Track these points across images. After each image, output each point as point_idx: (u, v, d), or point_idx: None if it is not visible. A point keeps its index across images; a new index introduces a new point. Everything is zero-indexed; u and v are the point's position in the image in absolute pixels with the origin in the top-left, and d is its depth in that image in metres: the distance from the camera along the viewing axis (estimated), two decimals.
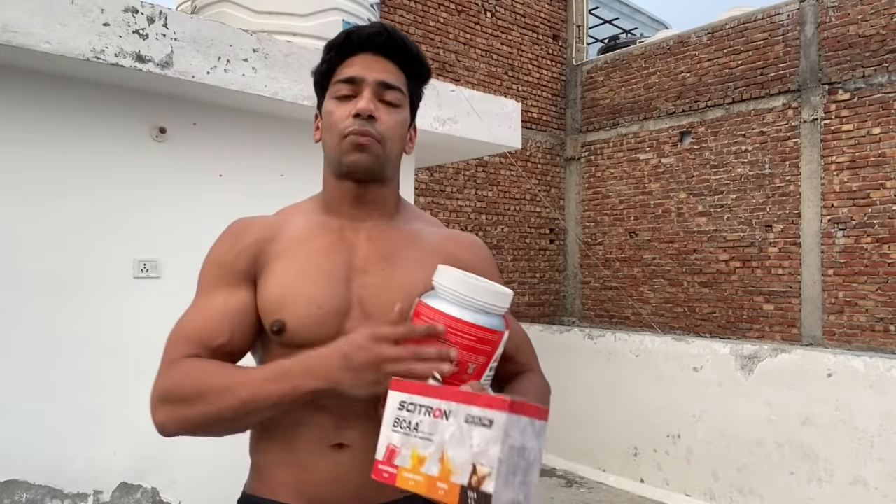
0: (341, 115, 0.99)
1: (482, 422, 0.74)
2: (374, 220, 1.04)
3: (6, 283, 2.31)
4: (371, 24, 1.03)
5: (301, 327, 0.94)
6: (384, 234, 1.03)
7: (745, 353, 4.38)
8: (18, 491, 2.29)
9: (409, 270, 1.00)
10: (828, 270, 5.87)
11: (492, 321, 0.90)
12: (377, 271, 0.99)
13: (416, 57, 1.03)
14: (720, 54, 6.74)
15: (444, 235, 1.10)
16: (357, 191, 1.03)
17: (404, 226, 1.07)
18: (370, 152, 0.98)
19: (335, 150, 1.01)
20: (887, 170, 5.58)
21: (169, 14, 2.41)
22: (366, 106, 0.97)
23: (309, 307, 0.95)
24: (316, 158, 3.71)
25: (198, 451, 2.70)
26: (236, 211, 3.36)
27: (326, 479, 0.94)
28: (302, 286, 0.97)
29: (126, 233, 2.57)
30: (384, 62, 1.01)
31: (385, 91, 0.99)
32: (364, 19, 3.41)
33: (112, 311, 2.52)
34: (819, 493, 3.91)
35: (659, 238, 7.11)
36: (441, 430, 0.77)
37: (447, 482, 0.74)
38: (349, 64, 1.00)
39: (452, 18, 6.97)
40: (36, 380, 2.36)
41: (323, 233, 1.02)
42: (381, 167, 1.01)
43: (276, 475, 0.99)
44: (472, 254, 1.09)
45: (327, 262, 0.99)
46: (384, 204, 1.06)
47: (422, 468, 0.76)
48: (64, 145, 2.45)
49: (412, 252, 1.03)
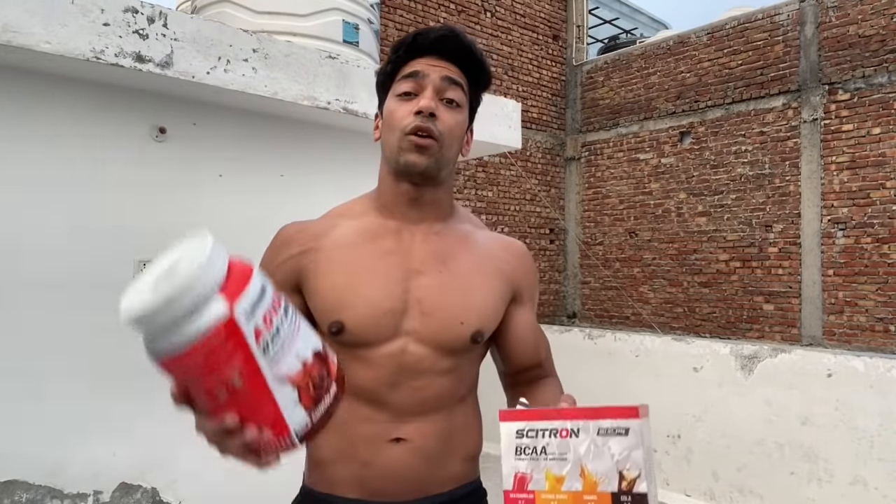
0: (403, 112, 1.00)
1: (617, 431, 0.76)
2: (429, 222, 1.06)
3: (6, 283, 2.31)
4: (439, 26, 1.05)
5: (359, 328, 0.98)
6: (439, 237, 1.06)
7: (745, 353, 4.38)
8: (18, 491, 2.29)
9: (465, 274, 1.03)
10: (828, 270, 5.87)
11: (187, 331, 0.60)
12: (434, 273, 1.02)
13: (479, 62, 1.05)
14: (720, 54, 6.74)
15: (495, 240, 1.12)
16: (413, 193, 1.04)
17: (457, 228, 1.09)
18: (428, 153, 0.99)
19: (394, 148, 1.02)
20: (887, 170, 5.58)
21: (169, 14, 2.41)
22: (428, 103, 0.98)
23: (366, 308, 0.98)
24: (316, 159, 3.68)
25: (198, 452, 2.70)
26: (236, 211, 3.35)
27: (386, 472, 0.98)
28: (359, 288, 0.99)
29: (126, 233, 2.57)
30: (448, 65, 1.03)
31: (448, 88, 1.01)
32: (364, 19, 3.41)
33: (112, 311, 2.51)
34: (819, 493, 3.91)
35: (659, 238, 7.11)
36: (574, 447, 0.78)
37: (594, 493, 0.76)
38: (413, 64, 1.03)
39: (452, 18, 6.97)
40: (36, 380, 2.36)
41: (379, 234, 1.04)
42: (438, 168, 1.02)
43: (337, 470, 1.01)
44: (523, 264, 1.12)
45: (383, 264, 1.01)
46: (439, 206, 1.08)
47: (562, 487, 0.78)
48: (63, 145, 2.45)
49: (466, 255, 1.06)
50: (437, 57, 1.02)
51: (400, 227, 1.05)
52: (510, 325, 1.09)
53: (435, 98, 1.00)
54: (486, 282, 1.03)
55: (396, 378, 0.98)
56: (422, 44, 1.02)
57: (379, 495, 0.98)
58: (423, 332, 0.99)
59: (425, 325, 0.99)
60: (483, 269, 1.03)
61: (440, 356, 1.00)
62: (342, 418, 0.94)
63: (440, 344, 0.99)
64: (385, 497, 0.98)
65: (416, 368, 0.99)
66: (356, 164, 3.28)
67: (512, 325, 1.09)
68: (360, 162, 3.30)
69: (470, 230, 1.11)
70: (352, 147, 3.25)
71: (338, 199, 3.67)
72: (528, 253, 1.16)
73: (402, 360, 0.98)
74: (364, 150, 3.31)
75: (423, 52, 1.02)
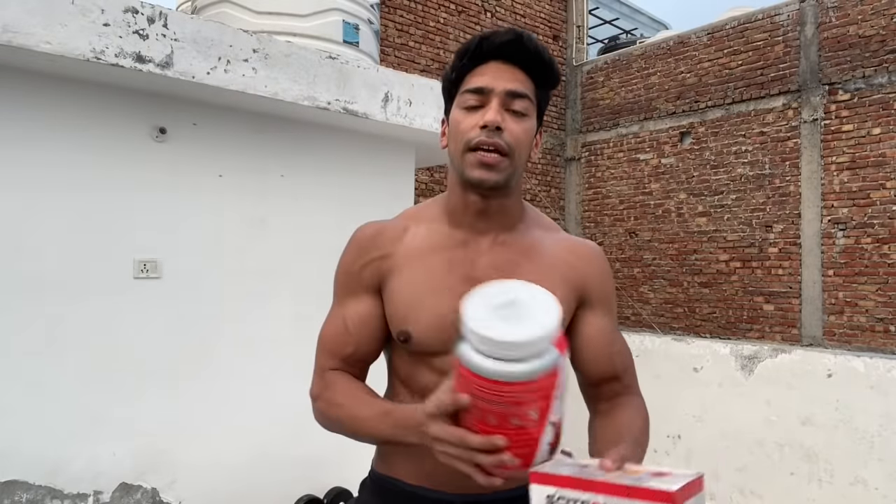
0: (468, 125, 1.00)
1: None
2: (496, 231, 1.07)
3: (6, 283, 2.31)
4: (505, 30, 1.02)
5: (425, 338, 1.02)
6: (504, 247, 1.06)
7: (745, 354, 4.38)
8: (18, 491, 2.29)
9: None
10: (828, 271, 5.87)
11: (540, 366, 0.77)
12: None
13: (548, 65, 1.03)
14: (720, 54, 6.74)
15: (563, 244, 1.11)
16: (481, 204, 1.04)
17: (525, 236, 1.09)
18: (496, 169, 0.99)
19: (460, 161, 1.02)
20: (887, 170, 5.58)
21: (169, 14, 2.41)
22: (493, 118, 0.97)
23: (431, 319, 1.01)
24: (316, 159, 3.67)
25: (198, 452, 2.70)
26: (236, 211, 3.34)
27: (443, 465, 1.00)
28: (425, 300, 1.03)
29: (126, 233, 2.57)
30: (514, 70, 1.01)
31: (513, 100, 1.00)
32: (364, 19, 3.41)
33: (112, 311, 2.52)
34: (819, 494, 3.91)
35: (659, 238, 7.11)
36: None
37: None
38: (479, 72, 1.01)
39: (452, 18, 6.97)
40: (36, 380, 2.36)
41: (446, 245, 1.06)
42: (508, 180, 1.02)
43: (402, 459, 1.07)
44: (591, 266, 1.10)
45: (449, 275, 1.03)
46: (507, 215, 1.08)
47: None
48: (64, 145, 2.45)
49: (531, 264, 1.05)
50: (502, 62, 1.00)
51: (467, 238, 1.06)
52: (579, 331, 1.08)
53: (501, 110, 0.99)
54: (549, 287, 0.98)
55: None
56: (487, 50, 1.01)
57: (439, 486, 1.03)
58: None
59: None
60: (546, 277, 1.01)
61: None
62: None
63: None
64: (445, 488, 1.02)
65: None
66: (356, 165, 3.28)
67: (581, 331, 1.08)
68: (361, 162, 3.30)
69: (539, 236, 1.10)
70: (352, 147, 3.25)
71: (337, 199, 3.68)
72: (600, 254, 1.13)
73: None
74: (364, 151, 3.31)
75: (489, 57, 1.01)
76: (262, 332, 2.88)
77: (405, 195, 3.45)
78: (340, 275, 1.11)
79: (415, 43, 6.61)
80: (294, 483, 2.86)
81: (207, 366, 2.73)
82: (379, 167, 3.35)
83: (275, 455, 2.86)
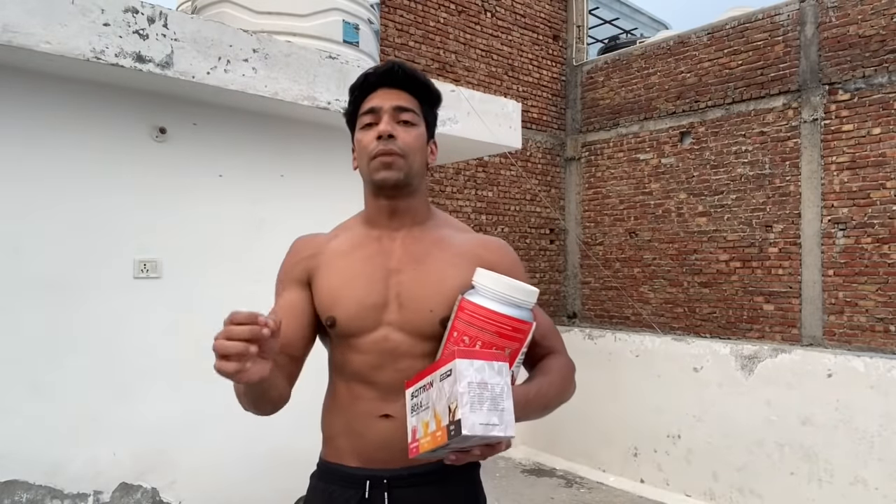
0: (368, 140, 1.19)
1: (447, 374, 0.94)
2: (407, 228, 1.24)
3: (6, 284, 2.31)
4: (385, 63, 1.24)
5: (348, 321, 1.18)
6: (416, 240, 1.23)
7: (745, 354, 4.38)
8: (18, 491, 2.29)
9: (438, 268, 1.19)
10: (828, 270, 5.87)
11: (523, 314, 1.09)
12: (410, 270, 1.19)
13: (424, 85, 1.24)
14: (720, 54, 6.74)
15: (473, 240, 1.27)
16: (390, 206, 1.23)
17: (434, 231, 1.26)
18: (395, 167, 1.17)
19: (367, 171, 1.21)
20: (887, 170, 5.57)
21: (169, 14, 2.41)
22: (384, 127, 1.17)
23: (353, 305, 1.18)
24: (316, 159, 3.68)
25: (198, 452, 2.70)
26: (236, 211, 3.35)
27: (377, 443, 1.16)
28: (347, 288, 1.19)
29: (126, 233, 2.57)
30: (398, 93, 1.21)
31: (400, 113, 1.20)
32: (364, 19, 3.41)
33: (112, 312, 2.52)
34: (819, 494, 3.91)
35: (659, 238, 7.10)
36: (431, 396, 0.97)
37: (440, 428, 0.93)
38: (370, 98, 1.22)
39: (452, 18, 6.96)
40: (36, 380, 2.36)
41: (364, 243, 1.24)
42: (407, 179, 1.20)
43: (340, 443, 1.22)
44: (499, 256, 1.25)
45: (368, 266, 1.20)
46: (414, 213, 1.25)
47: (428, 430, 0.96)
48: (64, 145, 2.45)
49: (441, 253, 1.22)
50: (388, 88, 1.21)
51: (381, 235, 1.23)
52: None
53: (391, 122, 1.18)
54: (458, 273, 1.17)
55: (381, 362, 1.17)
56: (372, 80, 1.21)
57: (374, 463, 1.17)
58: (400, 321, 1.17)
59: (402, 316, 1.17)
60: (456, 263, 1.19)
61: (417, 341, 1.16)
62: (343, 399, 1.21)
63: (414, 330, 1.16)
64: (379, 465, 1.16)
65: (396, 353, 1.16)
66: None
67: None
68: None
69: (448, 234, 1.26)
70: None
71: (337, 199, 3.69)
72: (507, 247, 1.29)
73: (385, 347, 1.17)
74: None
75: (375, 87, 1.21)
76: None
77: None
78: (278, 278, 1.28)
79: (415, 43, 6.61)
80: (294, 483, 2.86)
81: (207, 366, 2.72)
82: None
83: (275, 455, 2.86)
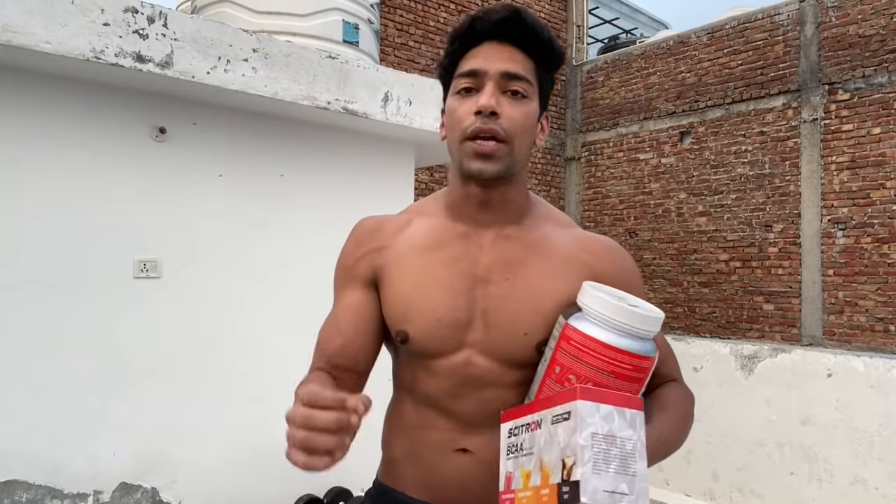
0: (463, 112, 0.93)
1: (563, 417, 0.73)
2: (500, 225, 0.99)
3: (6, 284, 2.31)
4: (498, 7, 0.93)
5: (424, 339, 0.96)
6: (509, 241, 0.99)
7: (745, 353, 4.39)
8: (18, 491, 2.29)
9: (534, 281, 0.96)
10: (828, 270, 5.87)
11: (646, 347, 0.83)
12: (501, 281, 0.96)
13: (547, 43, 0.94)
14: (720, 54, 6.74)
15: (575, 241, 1.01)
16: (482, 196, 0.97)
17: (532, 230, 1.00)
18: (494, 158, 0.92)
19: (458, 152, 0.95)
20: (887, 170, 5.57)
21: (169, 14, 2.41)
22: (487, 102, 0.90)
23: (430, 320, 0.95)
24: (316, 159, 3.67)
25: (198, 452, 2.70)
26: (236, 211, 3.34)
27: (450, 480, 0.97)
28: (423, 299, 0.96)
29: (126, 233, 2.57)
30: (511, 50, 0.93)
31: (510, 82, 0.92)
32: (364, 19, 3.41)
33: (112, 311, 2.52)
34: (819, 493, 3.91)
35: (659, 238, 7.11)
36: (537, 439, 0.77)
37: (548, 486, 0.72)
38: (472, 55, 0.94)
39: (452, 18, 6.96)
40: (36, 380, 2.36)
41: (446, 239, 0.99)
42: (508, 169, 0.94)
43: (403, 470, 1.03)
44: (610, 263, 1.00)
45: (449, 273, 0.97)
46: (511, 206, 1.00)
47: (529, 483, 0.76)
48: (63, 145, 2.45)
49: (539, 261, 0.97)
50: (497, 42, 0.93)
51: (468, 232, 0.99)
52: None
53: (496, 93, 0.91)
54: (560, 285, 0.95)
55: (460, 390, 0.96)
56: (480, 30, 0.93)
57: (444, 501, 0.98)
58: (486, 343, 0.95)
59: (489, 337, 0.95)
60: (557, 274, 0.95)
61: (506, 369, 0.95)
62: (410, 422, 1.02)
63: (504, 356, 0.95)
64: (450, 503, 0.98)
65: (481, 381, 0.96)
66: (356, 164, 3.28)
67: None
68: (361, 162, 3.30)
69: (548, 231, 1.01)
70: (352, 147, 3.25)
71: (337, 198, 3.69)
72: (618, 249, 1.04)
73: (467, 373, 0.96)
74: (364, 150, 3.31)
75: (483, 38, 0.93)
76: (262, 332, 2.88)
77: (405, 195, 3.45)
78: (337, 271, 1.06)
79: (415, 43, 6.61)
80: (294, 483, 2.86)
81: (207, 366, 2.73)
82: (379, 167, 3.35)
83: (275, 455, 2.86)
